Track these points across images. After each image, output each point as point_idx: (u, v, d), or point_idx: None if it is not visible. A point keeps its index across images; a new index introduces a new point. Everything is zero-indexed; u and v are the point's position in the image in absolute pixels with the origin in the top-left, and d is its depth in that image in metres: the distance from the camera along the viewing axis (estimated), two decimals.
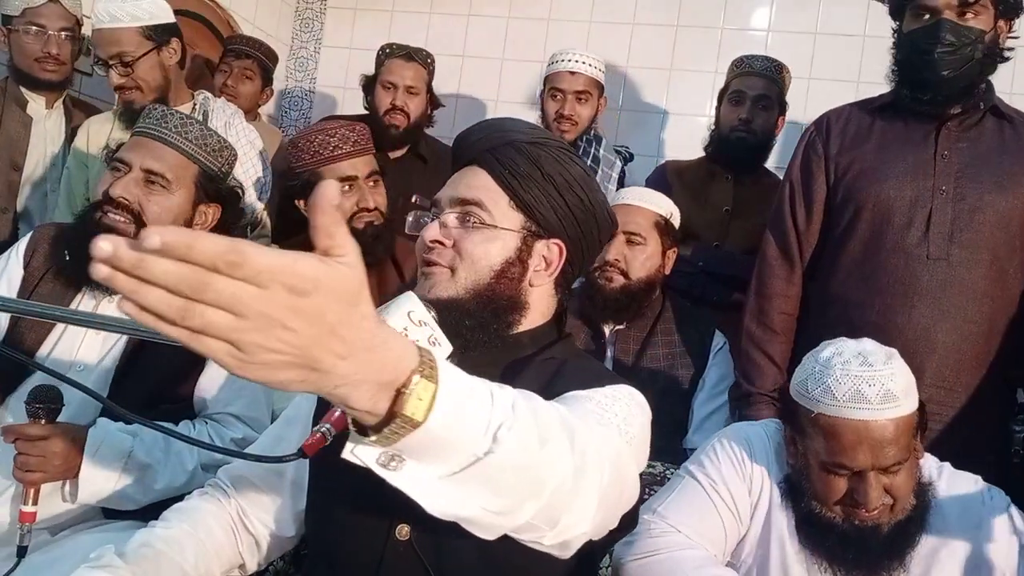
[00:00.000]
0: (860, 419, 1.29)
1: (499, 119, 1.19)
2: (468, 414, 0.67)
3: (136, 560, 1.09)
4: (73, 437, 1.38)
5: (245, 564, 1.24)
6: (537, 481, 0.74)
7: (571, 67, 2.67)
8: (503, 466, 0.69)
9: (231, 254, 0.50)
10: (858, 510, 1.31)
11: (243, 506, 1.23)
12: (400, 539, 1.04)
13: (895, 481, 1.31)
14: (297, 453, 0.84)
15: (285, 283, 0.52)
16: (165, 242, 0.49)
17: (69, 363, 1.56)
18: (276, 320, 0.53)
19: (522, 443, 0.70)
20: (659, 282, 2.13)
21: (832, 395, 1.29)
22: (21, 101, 2.38)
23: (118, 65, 2.16)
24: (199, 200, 1.63)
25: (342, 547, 1.11)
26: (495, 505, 0.72)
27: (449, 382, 0.65)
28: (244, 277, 0.51)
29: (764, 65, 2.62)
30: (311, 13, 4.10)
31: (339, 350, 0.57)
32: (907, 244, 1.76)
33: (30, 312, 1.02)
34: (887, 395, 1.28)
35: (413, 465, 0.67)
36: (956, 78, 1.75)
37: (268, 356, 0.54)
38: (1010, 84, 2.74)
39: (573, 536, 0.84)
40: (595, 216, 1.15)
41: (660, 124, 3.70)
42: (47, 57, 2.33)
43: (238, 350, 0.53)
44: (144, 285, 0.50)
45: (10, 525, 1.42)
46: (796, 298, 1.93)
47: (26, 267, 1.63)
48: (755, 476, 1.43)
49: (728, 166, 2.62)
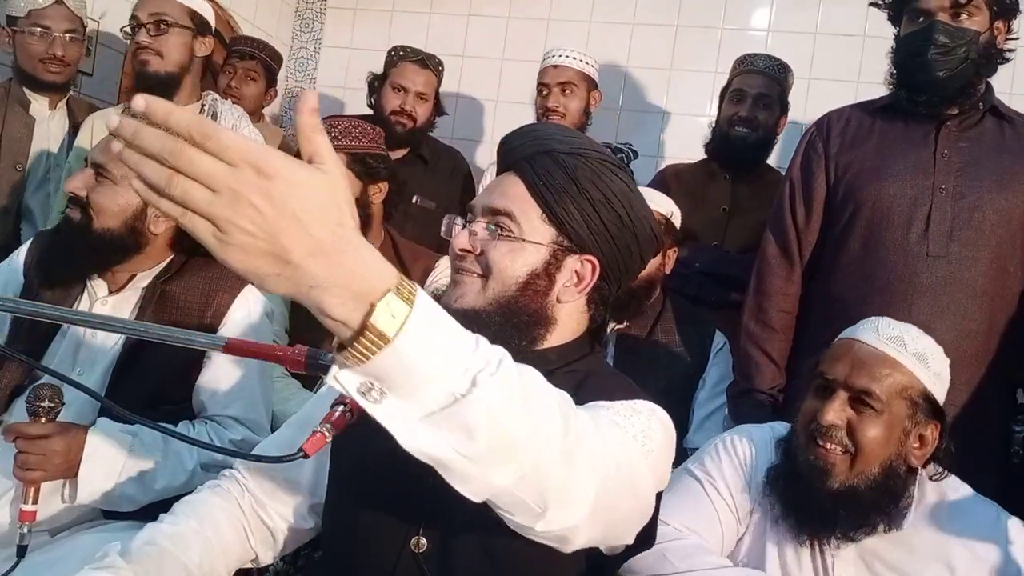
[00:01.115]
0: (859, 338, 1.33)
1: (543, 125, 1.17)
2: (444, 345, 0.66)
3: (139, 559, 1.08)
4: (73, 436, 1.38)
5: (258, 558, 1.22)
6: (516, 442, 0.73)
7: (554, 62, 2.72)
8: (479, 412, 0.68)
9: (202, 125, 0.57)
10: (818, 440, 1.31)
11: (260, 498, 1.21)
12: (414, 551, 1.05)
13: (860, 425, 1.29)
14: (297, 453, 0.84)
15: (251, 163, 0.58)
16: (148, 106, 0.57)
17: (72, 364, 1.56)
18: (243, 197, 0.58)
19: (503, 398, 0.69)
20: (659, 281, 2.13)
21: (852, 328, 1.36)
22: (24, 102, 2.40)
23: (151, 26, 2.19)
24: None
25: (357, 553, 1.11)
26: (468, 449, 0.70)
27: (428, 310, 0.65)
28: (214, 151, 0.58)
29: (767, 64, 2.62)
30: (311, 13, 4.10)
31: (307, 245, 0.60)
32: (907, 242, 1.76)
33: (30, 312, 1.02)
34: (897, 338, 1.30)
35: (393, 400, 0.66)
36: (951, 79, 1.75)
37: (242, 238, 0.59)
38: (1010, 84, 2.74)
39: (566, 527, 0.83)
40: (635, 232, 1.09)
41: (660, 124, 3.70)
42: (52, 59, 2.34)
43: (218, 229, 0.59)
44: (143, 159, 0.58)
45: (10, 526, 1.42)
46: (795, 297, 1.93)
47: (26, 274, 1.64)
48: (756, 476, 1.42)
49: (727, 165, 2.62)
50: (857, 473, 1.31)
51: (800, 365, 1.90)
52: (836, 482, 1.30)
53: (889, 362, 1.30)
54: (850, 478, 1.30)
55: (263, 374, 1.67)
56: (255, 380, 1.63)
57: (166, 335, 0.91)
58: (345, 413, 0.83)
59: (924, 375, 1.32)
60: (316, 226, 0.60)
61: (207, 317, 1.60)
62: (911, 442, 1.33)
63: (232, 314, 1.62)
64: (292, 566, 1.45)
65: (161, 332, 0.91)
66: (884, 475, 1.31)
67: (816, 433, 1.32)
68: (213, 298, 1.61)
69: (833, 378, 1.32)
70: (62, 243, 1.58)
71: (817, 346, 1.86)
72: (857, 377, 1.30)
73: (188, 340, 0.89)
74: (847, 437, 1.30)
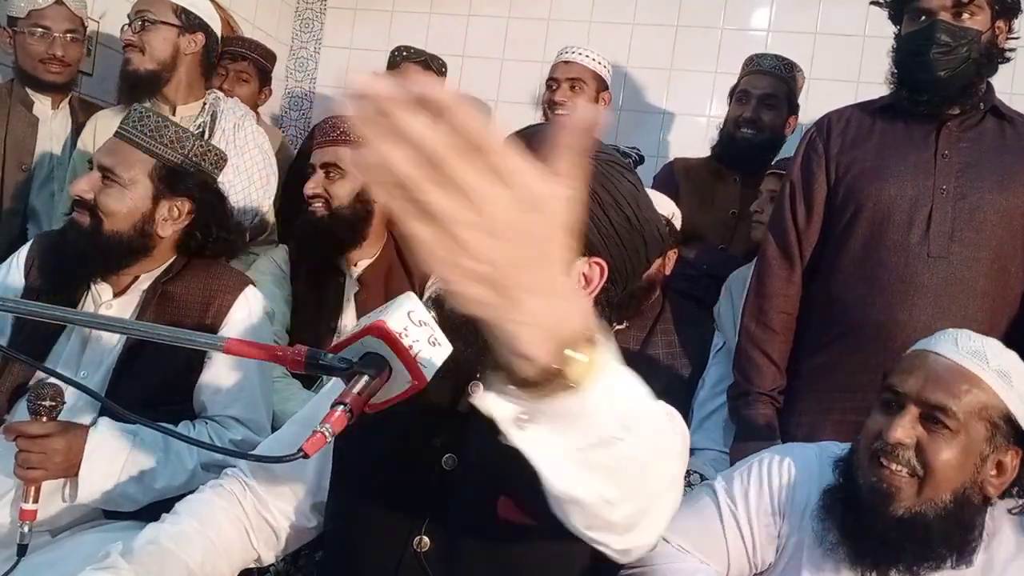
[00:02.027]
0: (935, 349, 1.19)
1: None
2: (618, 393, 0.65)
3: (141, 559, 1.08)
4: (74, 435, 1.38)
5: (260, 557, 1.22)
6: (646, 479, 0.73)
7: (567, 57, 2.73)
8: (626, 455, 0.67)
9: (487, 134, 0.47)
10: (883, 460, 1.18)
11: (263, 496, 1.21)
12: (417, 550, 1.05)
13: (932, 446, 1.16)
14: (297, 453, 0.84)
15: (524, 191, 0.50)
16: (424, 92, 0.46)
17: (73, 365, 1.57)
18: (499, 225, 0.49)
19: (646, 438, 0.69)
20: (659, 282, 2.13)
21: (927, 339, 1.23)
22: (27, 102, 2.40)
23: (136, 23, 2.19)
24: (160, 195, 1.58)
25: (360, 553, 1.11)
26: (610, 493, 0.69)
27: (610, 357, 0.63)
28: (488, 167, 0.48)
29: (773, 64, 2.62)
30: (311, 13, 4.10)
31: (539, 285, 0.54)
32: (908, 243, 1.76)
33: (31, 312, 1.02)
34: (978, 352, 1.17)
35: (543, 430, 0.64)
36: (953, 78, 1.75)
37: (470, 263, 0.50)
38: (1010, 84, 2.73)
39: (641, 544, 0.84)
40: (643, 235, 1.07)
41: (660, 124, 3.70)
42: (52, 59, 2.34)
43: (448, 242, 0.50)
44: (396, 138, 0.47)
45: (10, 526, 1.42)
46: (795, 298, 1.93)
47: (27, 276, 1.64)
48: (795, 500, 1.29)
49: (735, 167, 2.62)
50: (925, 499, 1.17)
51: (800, 366, 1.91)
52: (901, 508, 1.17)
53: (969, 377, 1.16)
54: (917, 504, 1.17)
55: (263, 374, 1.67)
56: (255, 380, 1.63)
57: (166, 335, 0.90)
58: (345, 413, 0.83)
59: (1007, 394, 1.17)
60: (557, 266, 0.54)
61: (208, 317, 1.60)
62: (988, 469, 1.18)
63: (233, 314, 1.62)
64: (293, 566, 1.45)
65: (161, 332, 0.91)
66: (956, 504, 1.17)
67: (880, 452, 1.18)
68: (214, 298, 1.61)
69: (904, 392, 1.18)
70: (71, 246, 1.57)
71: (817, 347, 1.87)
72: (932, 392, 1.16)
73: (188, 340, 0.89)
74: (915, 458, 1.17)
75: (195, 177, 1.62)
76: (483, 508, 1.06)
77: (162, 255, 1.64)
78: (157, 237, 1.59)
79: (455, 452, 1.09)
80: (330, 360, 0.85)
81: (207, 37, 2.30)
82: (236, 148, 2.27)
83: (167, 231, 1.60)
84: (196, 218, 1.63)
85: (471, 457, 1.08)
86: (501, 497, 1.06)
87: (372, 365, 0.84)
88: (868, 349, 1.76)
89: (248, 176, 2.29)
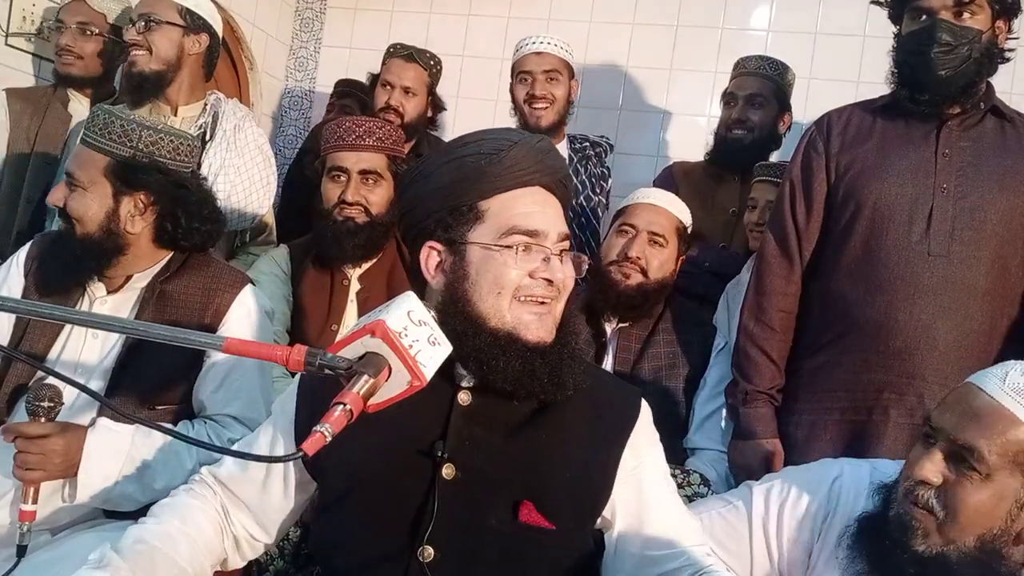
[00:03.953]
0: (979, 384, 1.13)
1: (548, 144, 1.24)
2: None
3: (133, 557, 1.10)
4: (73, 436, 1.38)
5: (228, 559, 1.25)
6: None
7: (536, 48, 2.61)
8: None
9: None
10: (910, 496, 1.14)
11: (226, 505, 1.25)
12: (421, 561, 1.07)
13: (957, 489, 1.10)
14: (298, 452, 0.84)
15: None
16: None
17: (72, 365, 1.56)
18: None
19: None
20: (670, 287, 2.13)
21: (983, 371, 1.17)
22: (64, 100, 2.49)
23: (140, 24, 2.22)
24: (119, 191, 1.57)
25: (363, 566, 1.12)
26: None
27: None
28: None
29: (757, 64, 2.66)
30: (311, 13, 4.10)
31: None
32: (908, 242, 1.75)
33: (30, 312, 1.02)
34: (1021, 390, 1.10)
35: None
36: (953, 78, 1.75)
37: None
38: (1010, 84, 2.74)
39: None
40: None
41: (660, 124, 3.70)
42: (64, 50, 2.42)
43: None
44: None
45: (10, 527, 1.42)
46: (795, 296, 1.93)
47: (26, 276, 1.64)
48: (835, 519, 1.25)
49: (731, 168, 2.63)
50: (948, 541, 1.11)
51: (800, 365, 1.90)
52: (923, 545, 1.12)
53: (1006, 417, 1.08)
54: (939, 544, 1.12)
55: (263, 373, 1.67)
56: (255, 379, 1.63)
57: (165, 335, 0.90)
58: (345, 413, 0.83)
59: None
60: None
61: (207, 316, 1.60)
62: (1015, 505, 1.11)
63: (232, 313, 1.62)
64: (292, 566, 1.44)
65: (160, 332, 0.91)
66: (982, 551, 1.11)
67: (910, 487, 1.14)
68: (213, 297, 1.61)
69: (938, 427, 1.12)
70: (59, 252, 1.60)
71: (817, 346, 1.87)
72: (964, 430, 1.09)
73: (187, 340, 0.89)
74: (936, 498, 1.11)
75: (150, 168, 1.58)
76: (484, 519, 1.06)
77: (145, 252, 1.62)
78: (128, 234, 1.58)
79: (452, 461, 1.10)
80: (330, 360, 0.86)
81: (210, 38, 2.31)
82: (237, 149, 2.28)
83: (136, 227, 1.59)
84: (160, 209, 1.60)
85: (469, 464, 1.09)
86: (503, 503, 1.06)
87: (371, 365, 0.84)
88: (868, 348, 1.76)
89: (249, 177, 2.30)
